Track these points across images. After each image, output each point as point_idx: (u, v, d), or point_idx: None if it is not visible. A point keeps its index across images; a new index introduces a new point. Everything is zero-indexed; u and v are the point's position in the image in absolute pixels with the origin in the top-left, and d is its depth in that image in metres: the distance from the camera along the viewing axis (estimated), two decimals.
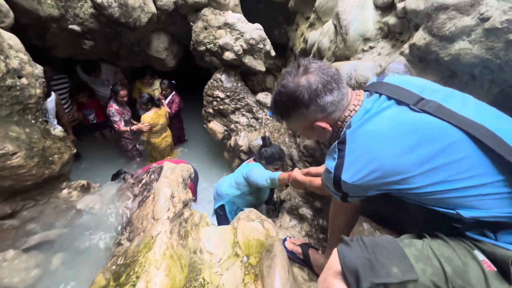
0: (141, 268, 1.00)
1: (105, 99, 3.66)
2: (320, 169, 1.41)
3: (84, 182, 1.94)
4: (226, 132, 3.46)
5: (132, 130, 3.37)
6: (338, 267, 0.69)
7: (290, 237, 1.54)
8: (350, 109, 0.83)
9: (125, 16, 2.72)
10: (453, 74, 1.24)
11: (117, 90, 3.24)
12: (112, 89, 3.31)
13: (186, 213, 1.47)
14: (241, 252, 1.34)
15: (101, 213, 1.59)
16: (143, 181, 1.70)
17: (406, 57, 1.39)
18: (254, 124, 3.29)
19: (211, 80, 3.32)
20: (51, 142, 1.73)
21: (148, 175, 1.72)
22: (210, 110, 3.44)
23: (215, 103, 3.35)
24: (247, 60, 3.08)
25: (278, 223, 2.23)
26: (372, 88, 0.85)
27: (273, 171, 1.98)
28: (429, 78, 1.22)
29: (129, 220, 1.47)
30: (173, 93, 3.80)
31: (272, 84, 3.75)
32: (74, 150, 1.93)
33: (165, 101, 3.75)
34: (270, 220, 1.62)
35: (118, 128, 3.30)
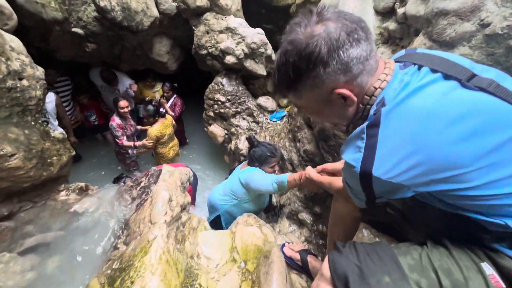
0: (136, 273, 0.98)
1: (111, 106, 3.67)
2: (337, 165, 1.23)
3: (82, 185, 1.93)
4: (227, 136, 3.46)
5: (136, 146, 3.27)
6: (329, 274, 0.67)
7: (289, 243, 1.52)
8: (381, 79, 0.61)
9: (128, 20, 2.75)
10: None
11: (116, 101, 3.12)
12: (114, 100, 3.23)
13: (184, 217, 1.46)
14: (239, 258, 1.32)
15: (99, 216, 1.58)
16: (142, 184, 1.69)
17: None
18: (255, 128, 3.29)
19: (212, 84, 3.33)
20: (50, 144, 1.73)
21: (147, 178, 1.72)
22: (211, 114, 3.45)
23: (216, 107, 3.35)
24: (248, 64, 3.09)
25: (277, 228, 2.21)
26: (407, 59, 0.65)
27: (271, 171, 1.87)
28: None
29: (126, 223, 1.45)
30: (175, 96, 3.83)
31: (273, 88, 3.76)
32: (73, 152, 1.93)
33: (167, 104, 3.76)
34: (269, 225, 1.60)
35: (121, 143, 3.20)
